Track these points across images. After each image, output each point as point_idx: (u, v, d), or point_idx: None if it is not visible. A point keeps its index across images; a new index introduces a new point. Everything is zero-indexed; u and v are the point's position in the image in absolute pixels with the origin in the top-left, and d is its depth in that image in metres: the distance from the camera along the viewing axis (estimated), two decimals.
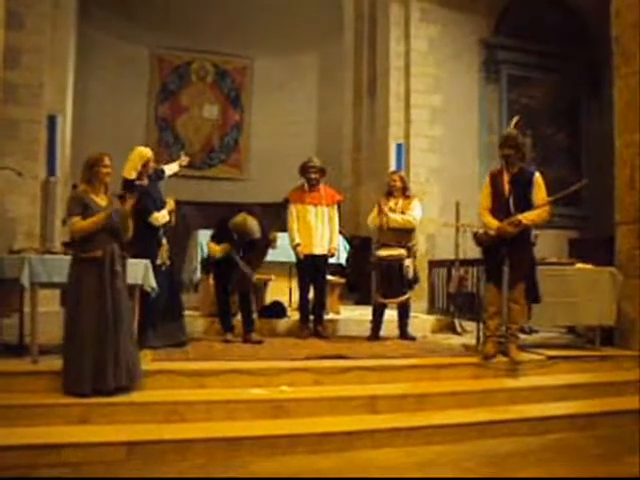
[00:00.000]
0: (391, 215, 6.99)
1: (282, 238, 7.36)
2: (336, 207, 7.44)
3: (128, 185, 6.03)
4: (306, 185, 7.29)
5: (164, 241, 6.13)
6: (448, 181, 10.70)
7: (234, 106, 16.03)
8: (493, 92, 11.60)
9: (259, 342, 6.54)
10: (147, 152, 6.26)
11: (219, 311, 6.89)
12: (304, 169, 7.30)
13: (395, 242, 6.97)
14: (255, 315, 7.10)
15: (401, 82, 10.96)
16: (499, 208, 6.00)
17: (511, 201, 5.93)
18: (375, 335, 7.12)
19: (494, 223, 5.95)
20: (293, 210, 7.28)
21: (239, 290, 6.67)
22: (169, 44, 15.22)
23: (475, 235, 6.26)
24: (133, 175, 6.10)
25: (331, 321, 7.69)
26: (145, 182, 6.16)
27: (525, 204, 5.88)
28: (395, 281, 6.94)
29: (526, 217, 5.81)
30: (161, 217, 6.08)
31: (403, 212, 7.07)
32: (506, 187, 6.00)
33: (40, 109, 9.27)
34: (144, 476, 3.92)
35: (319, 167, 7.34)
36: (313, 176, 7.26)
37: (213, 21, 14.58)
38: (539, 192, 5.92)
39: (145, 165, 6.16)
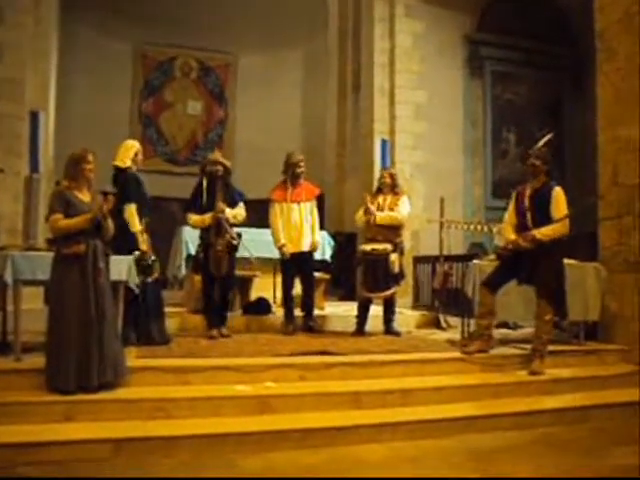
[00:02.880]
0: (378, 214, 6.98)
1: (265, 234, 7.37)
2: (315, 201, 7.42)
3: (120, 173, 6.08)
4: (288, 182, 7.24)
5: (145, 235, 6.06)
6: (432, 177, 10.74)
7: (218, 102, 16.03)
8: (477, 88, 11.67)
9: (227, 336, 6.64)
10: (136, 143, 6.35)
11: (204, 307, 6.87)
12: (291, 165, 7.23)
13: (382, 237, 6.98)
14: (228, 313, 7.08)
15: (385, 78, 10.98)
16: (520, 223, 6.04)
17: (529, 215, 5.96)
18: (360, 330, 7.13)
19: (510, 237, 6.02)
20: (277, 209, 7.19)
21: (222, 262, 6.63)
22: (153, 40, 15.19)
23: (496, 251, 6.35)
24: (128, 163, 6.13)
25: (316, 317, 7.67)
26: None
27: (544, 219, 5.86)
28: (381, 275, 6.94)
29: (541, 232, 5.80)
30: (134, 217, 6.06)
31: (391, 209, 7.08)
32: (526, 202, 6.01)
33: (22, 105, 9.19)
34: (131, 475, 3.90)
35: (304, 162, 7.32)
36: (301, 170, 7.23)
37: (197, 17, 14.55)
38: (557, 207, 5.86)
39: (136, 155, 6.20)
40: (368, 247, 6.99)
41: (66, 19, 11.90)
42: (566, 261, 6.36)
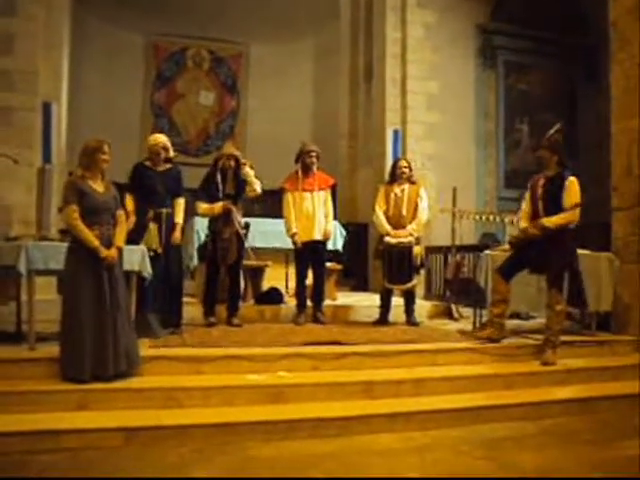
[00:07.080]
0: (402, 234, 6.97)
1: (277, 225, 7.39)
2: (330, 191, 7.39)
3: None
4: (300, 172, 7.22)
5: (151, 225, 6.06)
6: (444, 167, 10.71)
7: (230, 93, 16.01)
8: (489, 78, 11.62)
9: (239, 325, 6.66)
10: (151, 137, 6.50)
11: (204, 294, 6.89)
12: (304, 154, 7.22)
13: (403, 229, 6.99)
14: (240, 303, 7.13)
15: (397, 68, 10.96)
16: (533, 212, 6.06)
17: (540, 204, 5.96)
18: (384, 319, 7.16)
19: (523, 225, 6.06)
20: (289, 198, 7.18)
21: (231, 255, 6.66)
22: (164, 31, 15.18)
23: (509, 240, 6.38)
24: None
25: (328, 307, 7.67)
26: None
27: (556, 207, 5.86)
28: (404, 268, 6.96)
29: (550, 220, 5.81)
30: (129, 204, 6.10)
31: (410, 199, 7.06)
32: (539, 190, 6.02)
33: (35, 96, 9.20)
34: (142, 465, 3.92)
35: (317, 152, 7.30)
36: (313, 160, 7.21)
37: (209, 7, 14.53)
38: (568, 196, 5.85)
39: (149, 149, 6.34)
40: (394, 240, 6.96)
41: (78, 10, 11.90)
42: (579, 251, 6.36)
